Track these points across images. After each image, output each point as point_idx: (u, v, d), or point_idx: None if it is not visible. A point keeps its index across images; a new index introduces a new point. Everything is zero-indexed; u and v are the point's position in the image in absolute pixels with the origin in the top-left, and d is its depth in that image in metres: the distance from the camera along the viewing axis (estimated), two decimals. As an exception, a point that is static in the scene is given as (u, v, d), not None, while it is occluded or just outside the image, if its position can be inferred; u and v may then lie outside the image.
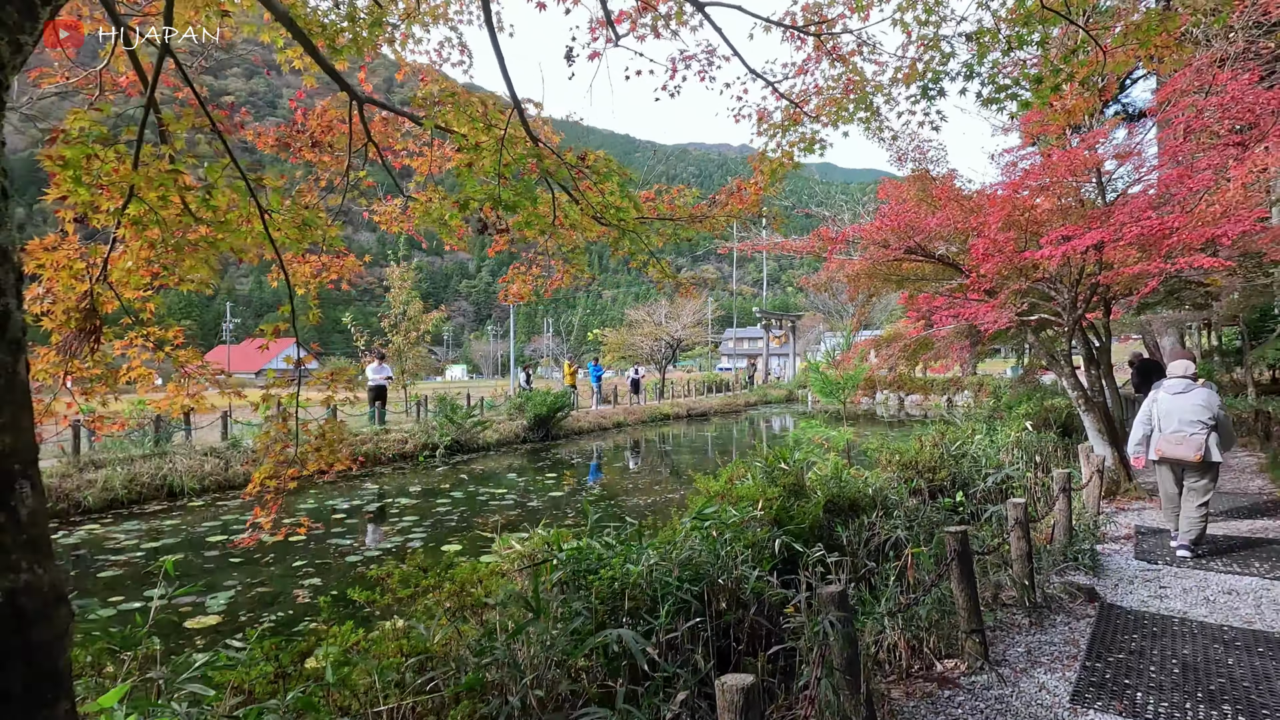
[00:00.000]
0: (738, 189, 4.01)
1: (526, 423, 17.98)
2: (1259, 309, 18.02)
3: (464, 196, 2.71)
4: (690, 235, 4.08)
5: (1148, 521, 6.61)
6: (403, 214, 3.76)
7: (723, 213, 3.97)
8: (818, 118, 3.93)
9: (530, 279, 4.50)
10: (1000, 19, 3.06)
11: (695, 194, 4.03)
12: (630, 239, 3.70)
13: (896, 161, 8.94)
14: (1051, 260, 6.54)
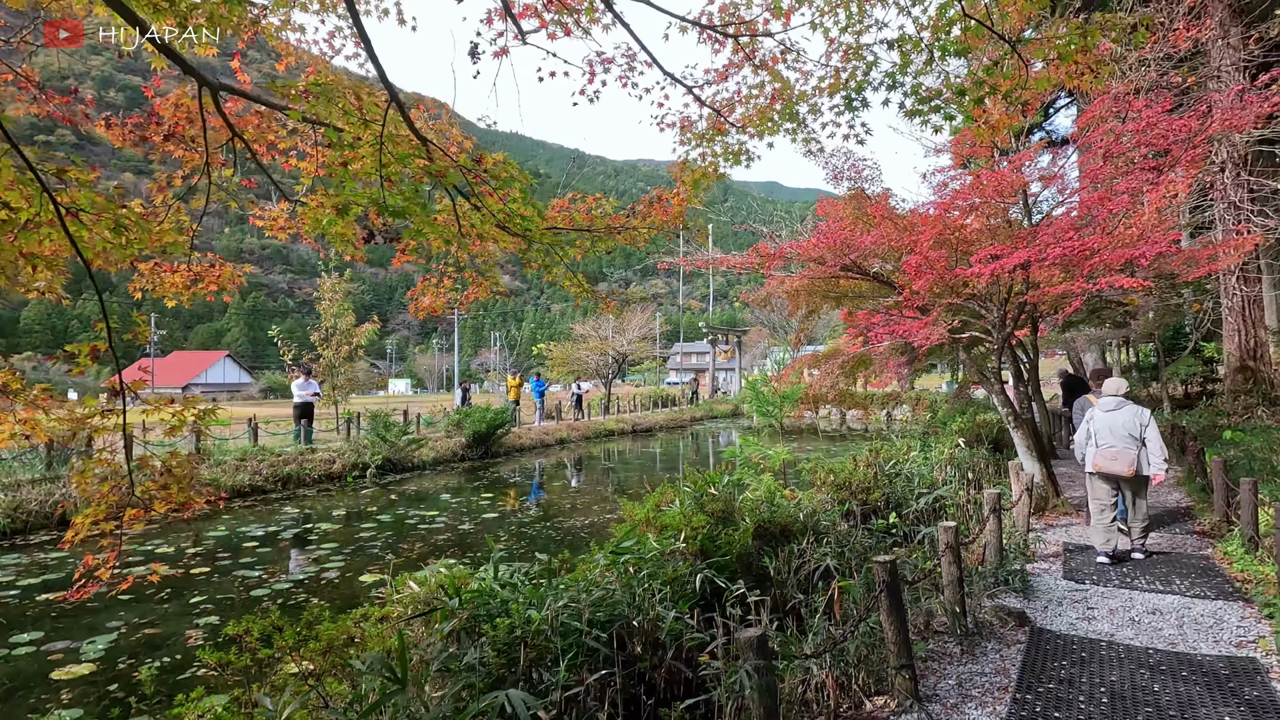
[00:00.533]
0: (659, 199, 3.81)
1: (465, 440, 17.39)
2: (1172, 327, 19.02)
3: (343, 200, 2.41)
4: (610, 247, 3.84)
5: (1075, 538, 6.69)
6: (290, 219, 3.41)
7: (643, 224, 3.76)
8: (744, 128, 3.77)
9: (442, 291, 4.18)
10: (922, 26, 2.97)
11: (613, 204, 3.80)
12: (540, 250, 3.44)
13: (833, 180, 8.99)
14: (980, 278, 6.60)
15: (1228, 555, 5.65)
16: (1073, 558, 5.92)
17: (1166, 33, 7.24)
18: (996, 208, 7.81)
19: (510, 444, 19.02)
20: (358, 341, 17.74)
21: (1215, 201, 14.12)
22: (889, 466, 6.30)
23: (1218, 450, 9.93)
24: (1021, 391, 8.35)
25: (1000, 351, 8.09)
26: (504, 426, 18.36)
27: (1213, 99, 7.18)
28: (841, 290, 9.84)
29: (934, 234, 7.18)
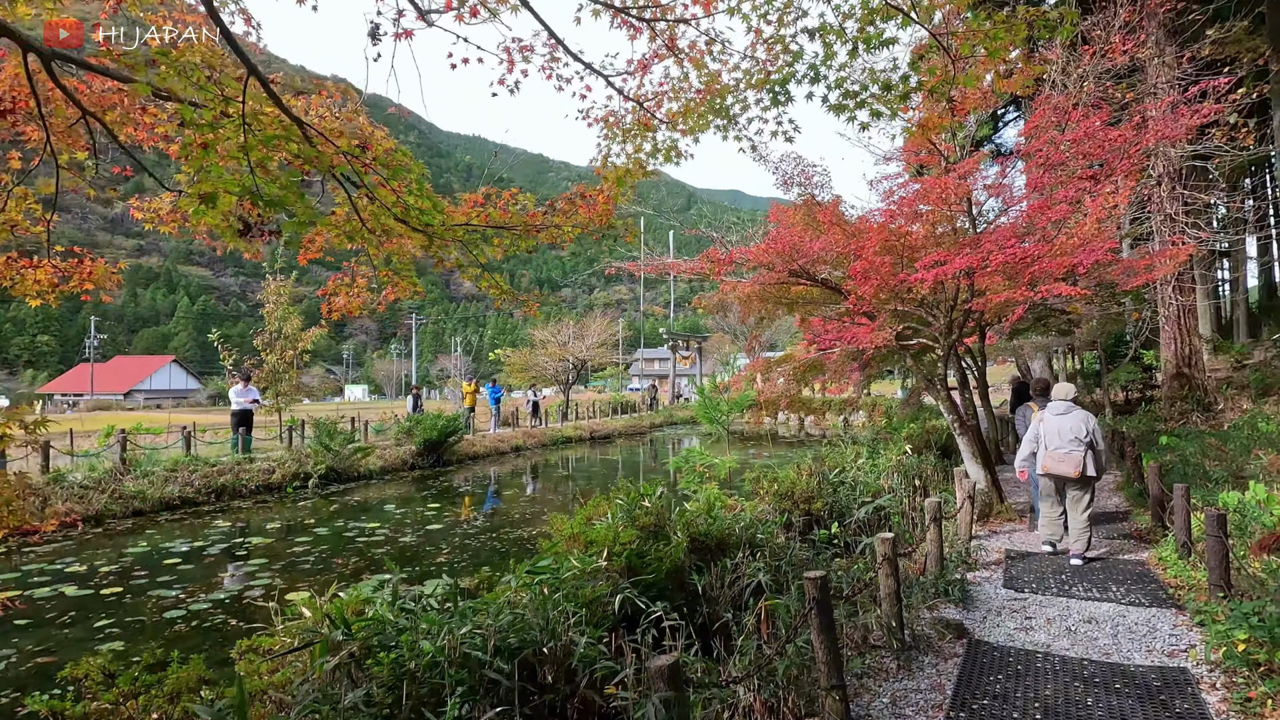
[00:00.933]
0: (582, 196, 3.62)
1: (415, 448, 16.90)
2: (1113, 335, 19.62)
3: (208, 188, 2.15)
4: (531, 246, 3.63)
5: (1017, 544, 6.70)
6: (171, 211, 3.11)
7: (567, 222, 3.56)
8: (673, 124, 3.62)
9: (357, 291, 3.91)
10: (846, 16, 2.85)
11: (530, 199, 3.60)
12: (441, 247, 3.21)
13: (783, 186, 8.94)
14: (924, 283, 6.58)
15: (1162, 561, 5.70)
16: (1014, 565, 5.91)
17: (1104, 47, 7.40)
18: (942, 215, 7.84)
19: (464, 452, 18.57)
20: (303, 346, 17.09)
21: (1152, 214, 14.58)
22: (833, 475, 6.21)
23: (1154, 455, 10.17)
24: (967, 398, 8.39)
25: (947, 358, 8.12)
26: (457, 434, 17.91)
27: (1147, 109, 7.33)
28: (793, 296, 9.80)
29: (880, 240, 7.16)
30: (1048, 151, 7.01)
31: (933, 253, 6.95)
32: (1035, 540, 6.83)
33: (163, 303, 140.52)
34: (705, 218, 56.02)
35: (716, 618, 3.61)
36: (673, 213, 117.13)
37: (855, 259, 7.40)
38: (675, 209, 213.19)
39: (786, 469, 6.26)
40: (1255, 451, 7.96)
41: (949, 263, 6.52)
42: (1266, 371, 16.32)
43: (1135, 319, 17.70)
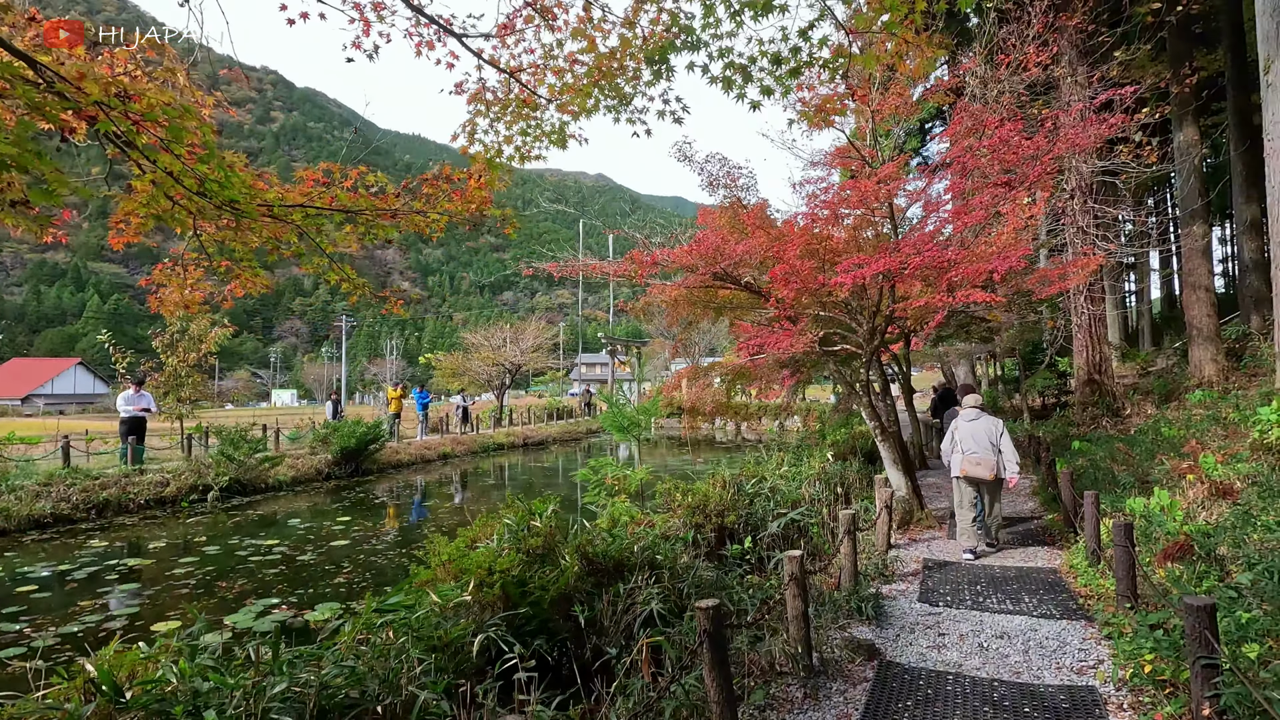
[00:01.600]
0: (447, 179, 3.21)
1: (331, 456, 15.95)
2: (1031, 343, 20.38)
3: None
4: (390, 235, 3.21)
5: (936, 553, 6.61)
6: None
7: (433, 209, 3.15)
8: (563, 104, 3.26)
9: (191, 283, 3.38)
10: (727, -26, 2.59)
11: (385, 179, 3.17)
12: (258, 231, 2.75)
13: (708, 188, 8.72)
14: (844, 287, 6.44)
15: (1073, 568, 5.68)
16: (931, 575, 5.78)
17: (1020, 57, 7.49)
18: (865, 220, 7.76)
19: (385, 460, 17.69)
20: (207, 348, 15.89)
21: (1066, 226, 15.14)
22: (750, 486, 5.97)
23: (1067, 460, 10.44)
24: (888, 404, 8.34)
25: (869, 364, 8.03)
26: (378, 441, 17.04)
27: (1059, 116, 7.44)
28: (720, 300, 9.59)
29: (802, 243, 6.99)
30: (966, 159, 7.00)
31: (853, 256, 6.82)
32: (954, 548, 6.77)
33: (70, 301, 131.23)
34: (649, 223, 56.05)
35: (604, 651, 3.25)
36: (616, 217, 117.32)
37: (778, 262, 7.22)
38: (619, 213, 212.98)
39: (700, 481, 5.97)
40: (1159, 457, 8.18)
41: (868, 265, 6.39)
42: (1168, 378, 17.20)
43: (1051, 327, 18.41)
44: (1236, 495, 5.63)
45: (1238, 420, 10.13)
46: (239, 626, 6.06)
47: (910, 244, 6.65)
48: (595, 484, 6.00)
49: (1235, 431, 9.36)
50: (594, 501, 5.59)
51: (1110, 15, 14.69)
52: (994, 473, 6.25)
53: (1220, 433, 9.77)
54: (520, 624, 3.01)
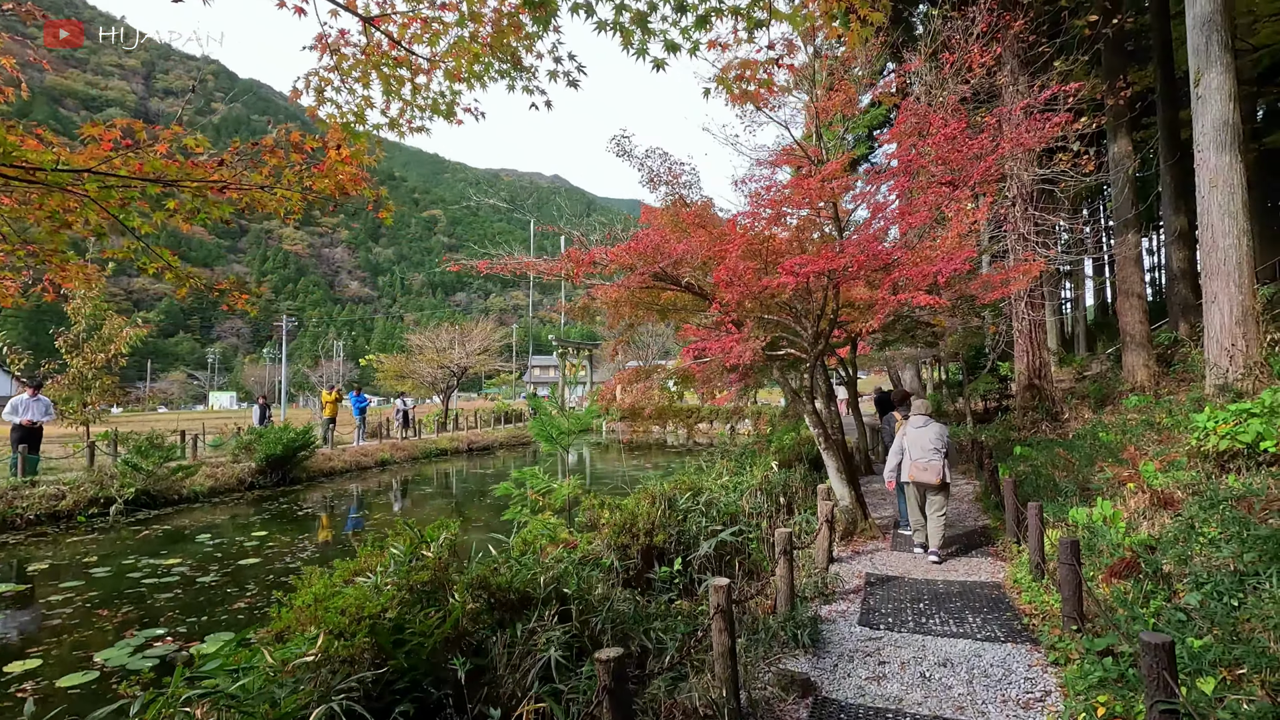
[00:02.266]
0: (295, 145, 2.71)
1: (255, 464, 14.96)
2: (974, 347, 20.71)
3: None
4: (226, 214, 2.69)
5: (879, 566, 6.34)
6: None
7: (281, 184, 2.65)
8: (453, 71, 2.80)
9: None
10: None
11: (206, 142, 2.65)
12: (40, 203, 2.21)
13: (649, 184, 8.33)
14: (786, 288, 6.13)
15: (1017, 583, 5.46)
16: (873, 592, 5.49)
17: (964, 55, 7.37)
18: (809, 221, 7.48)
19: (317, 468, 16.73)
20: (117, 348, 14.72)
21: (1008, 233, 15.35)
22: (683, 500, 5.57)
23: (1010, 466, 10.43)
24: (833, 410, 8.09)
25: (814, 369, 7.76)
26: (308, 448, 16.10)
27: (1001, 113, 7.32)
28: (664, 302, 9.22)
29: (744, 243, 6.66)
30: (910, 158, 6.79)
31: (797, 256, 6.52)
32: (897, 560, 6.53)
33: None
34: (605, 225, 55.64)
35: (503, 699, 2.78)
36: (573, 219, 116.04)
37: (720, 263, 6.88)
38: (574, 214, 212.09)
39: (630, 496, 5.55)
40: (1099, 464, 8.15)
41: (811, 265, 6.09)
42: (1103, 383, 17.65)
43: (993, 332, 18.69)
44: (1178, 505, 5.52)
45: (1170, 425, 10.27)
46: (110, 664, 5.36)
47: (854, 245, 6.38)
48: (518, 499, 5.49)
49: (1169, 436, 9.46)
50: (515, 519, 5.10)
51: (1050, 26, 14.99)
52: (940, 477, 6.40)
53: (1155, 438, 9.88)
54: (391, 681, 2.52)
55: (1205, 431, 6.46)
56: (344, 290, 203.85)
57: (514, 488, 5.48)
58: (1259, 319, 10.85)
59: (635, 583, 4.53)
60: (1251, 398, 10.04)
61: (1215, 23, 11.22)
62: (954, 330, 17.61)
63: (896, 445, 6.75)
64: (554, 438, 5.44)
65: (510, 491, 5.48)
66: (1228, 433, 6.03)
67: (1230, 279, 10.82)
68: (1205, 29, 11.30)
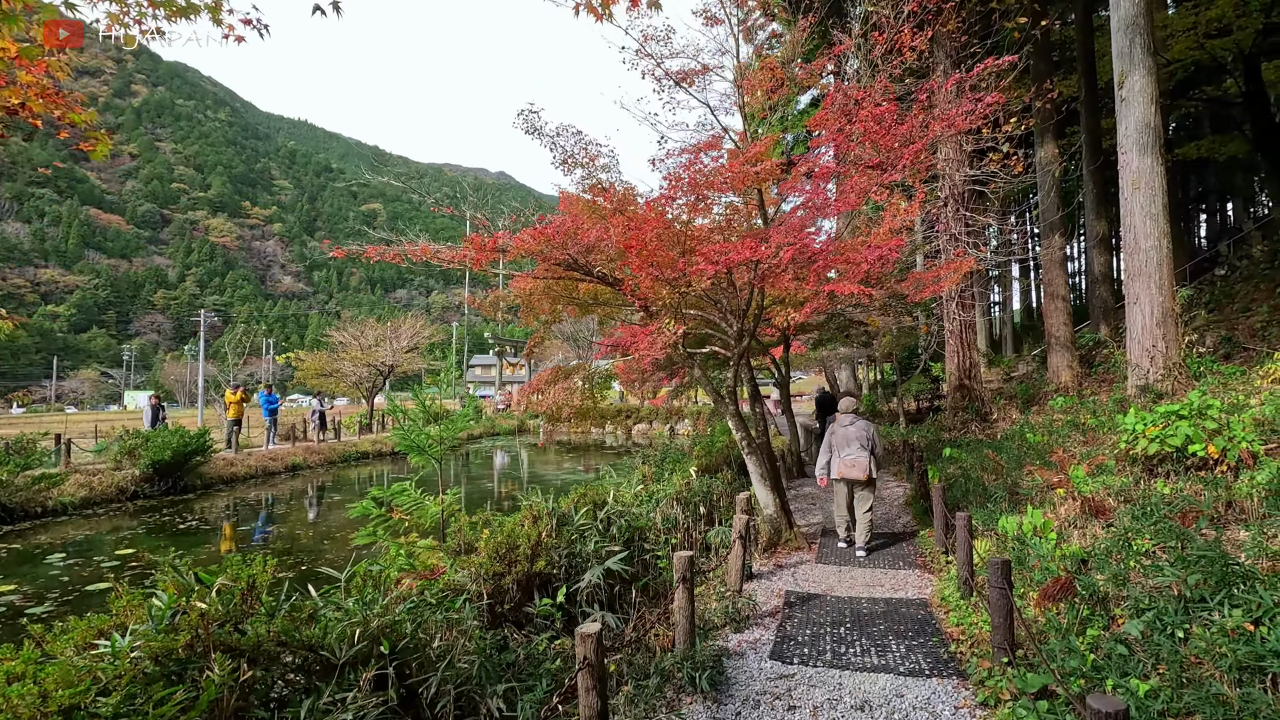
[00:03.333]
0: None
1: (140, 471, 13.52)
2: (907, 348, 20.80)
3: None
4: None
5: (801, 581, 5.82)
6: None
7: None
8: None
9: None
10: None
11: None
12: None
13: (562, 166, 7.65)
14: (704, 275, 5.55)
15: (945, 601, 5.02)
16: (791, 615, 4.94)
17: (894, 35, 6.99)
18: (734, 208, 6.93)
19: (216, 474, 15.34)
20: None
21: (940, 233, 15.33)
22: (580, 515, 4.88)
23: (939, 468, 10.20)
24: (759, 411, 7.58)
25: (737, 367, 7.22)
26: (204, 452, 14.71)
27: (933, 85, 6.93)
28: (583, 295, 8.55)
29: (660, 227, 6.04)
30: (839, 140, 6.31)
31: (718, 244, 5.95)
32: (822, 574, 6.04)
33: None
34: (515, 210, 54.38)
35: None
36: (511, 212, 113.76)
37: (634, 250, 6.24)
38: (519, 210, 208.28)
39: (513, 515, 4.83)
40: (1027, 467, 7.90)
41: (734, 253, 5.53)
42: (1029, 383, 17.92)
43: (925, 332, 18.76)
44: (1109, 514, 5.18)
45: (1095, 426, 10.23)
46: None
47: (779, 232, 5.84)
48: (378, 519, 4.63)
49: (1095, 438, 9.36)
50: (369, 542, 4.32)
51: (982, 26, 15.02)
52: (867, 474, 6.49)
53: (1081, 439, 9.79)
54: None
55: (1133, 434, 6.21)
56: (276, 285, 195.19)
57: (373, 506, 4.66)
58: (1178, 320, 10.96)
59: (511, 618, 3.84)
60: (1172, 398, 10.07)
61: (1139, 26, 11.30)
62: (888, 330, 17.56)
63: (826, 443, 6.84)
64: (423, 448, 4.65)
65: (369, 511, 4.66)
66: (1156, 435, 5.77)
67: (1151, 280, 10.88)
68: (1129, 32, 11.36)
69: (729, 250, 5.55)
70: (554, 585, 4.12)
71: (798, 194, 7.81)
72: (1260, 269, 19.39)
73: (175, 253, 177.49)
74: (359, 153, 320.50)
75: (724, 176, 6.27)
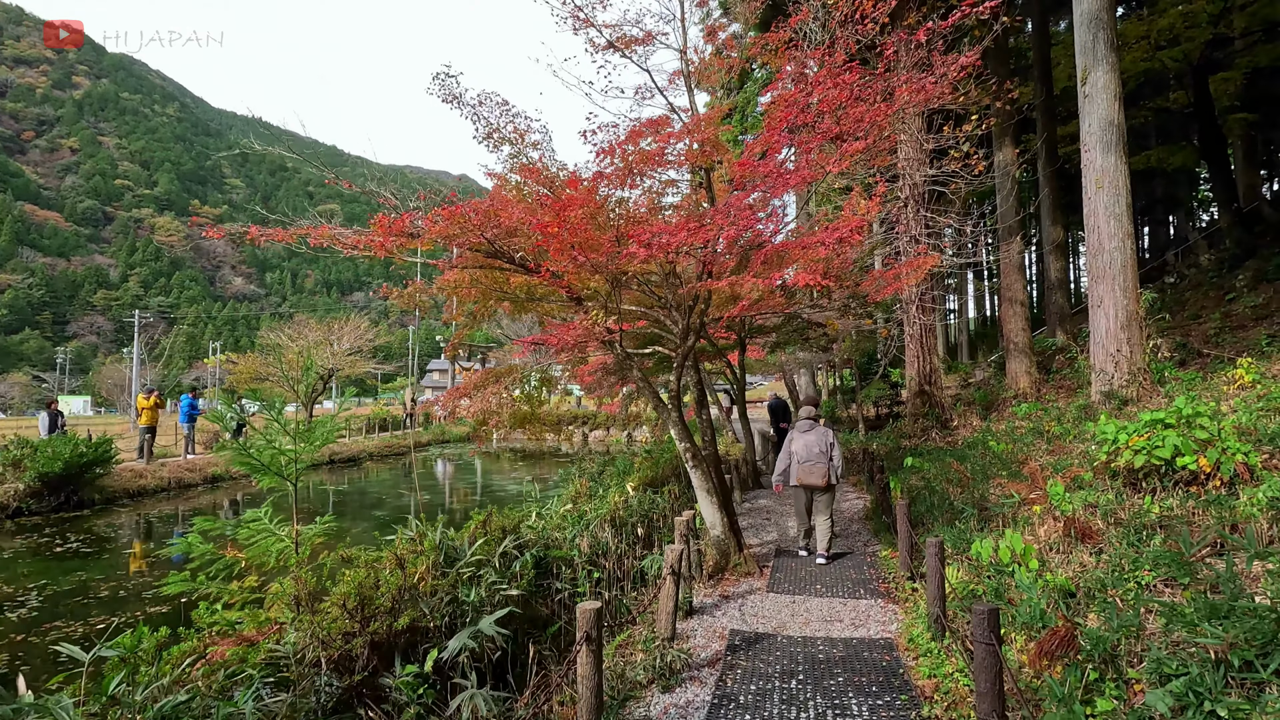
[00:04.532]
0: None
1: (25, 485, 12.06)
2: (866, 353, 20.39)
3: None
4: None
5: (749, 616, 5.03)
6: None
7: None
8: None
9: None
10: None
11: None
12: None
13: (487, 141, 6.76)
14: (635, 259, 4.74)
15: (914, 643, 4.27)
16: (735, 665, 4.13)
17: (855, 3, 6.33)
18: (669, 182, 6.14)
19: (120, 487, 13.89)
20: None
21: (900, 235, 14.90)
22: (472, 550, 3.96)
23: (901, 478, 9.59)
24: (705, 418, 6.79)
25: (681, 368, 6.42)
26: (104, 463, 13.28)
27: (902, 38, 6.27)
28: (515, 289, 7.66)
29: (588, 202, 5.21)
30: (791, 114, 5.57)
31: (656, 225, 5.15)
32: (773, 606, 5.26)
33: None
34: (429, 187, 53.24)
35: None
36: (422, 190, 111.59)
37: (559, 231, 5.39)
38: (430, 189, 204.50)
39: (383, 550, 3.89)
40: (996, 480, 7.29)
41: (672, 236, 4.72)
42: (987, 389, 17.62)
43: (885, 335, 18.32)
44: (1097, 537, 4.52)
45: (1060, 434, 9.75)
46: None
47: (722, 213, 5.06)
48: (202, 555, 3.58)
49: (1061, 446, 8.84)
50: (180, 591, 3.33)
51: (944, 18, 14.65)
52: (826, 480, 6.45)
53: (1046, 447, 9.28)
54: None
55: (1114, 445, 5.61)
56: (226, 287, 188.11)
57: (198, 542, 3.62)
58: (1142, 324, 10.59)
59: (366, 693, 2.93)
60: (1139, 404, 9.65)
61: (1102, 20, 10.95)
62: (847, 334, 17.07)
63: (785, 450, 6.78)
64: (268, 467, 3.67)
65: (195, 548, 3.62)
66: (1142, 447, 5.15)
67: (1115, 283, 10.49)
68: (1092, 26, 11.01)
69: (665, 233, 4.75)
70: (427, 645, 3.22)
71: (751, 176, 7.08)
72: (1208, 277, 19.55)
73: (118, 252, 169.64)
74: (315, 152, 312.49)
75: (662, 149, 5.47)
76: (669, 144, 5.21)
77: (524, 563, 4.00)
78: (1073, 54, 21.65)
